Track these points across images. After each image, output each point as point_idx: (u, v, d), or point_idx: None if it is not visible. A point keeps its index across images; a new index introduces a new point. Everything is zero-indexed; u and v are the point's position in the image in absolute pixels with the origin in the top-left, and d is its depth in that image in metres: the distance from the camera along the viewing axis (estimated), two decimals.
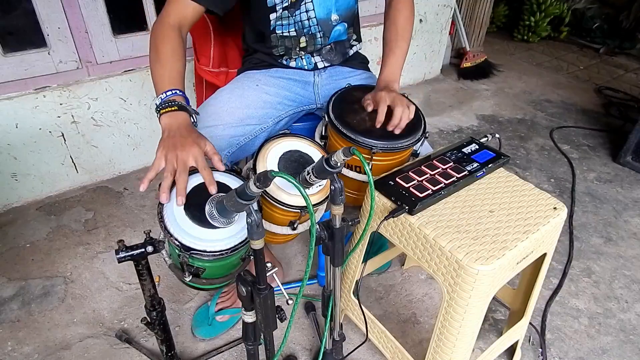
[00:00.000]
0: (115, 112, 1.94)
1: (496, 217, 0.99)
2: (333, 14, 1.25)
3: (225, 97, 1.22)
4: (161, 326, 1.06)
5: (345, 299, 1.29)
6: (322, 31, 1.26)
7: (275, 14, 1.20)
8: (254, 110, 1.21)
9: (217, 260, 0.87)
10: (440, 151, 1.16)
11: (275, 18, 1.21)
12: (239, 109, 1.19)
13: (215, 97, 1.24)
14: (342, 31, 1.29)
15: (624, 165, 2.33)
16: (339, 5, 1.25)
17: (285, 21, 1.22)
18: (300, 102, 1.33)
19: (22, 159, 1.80)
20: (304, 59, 1.30)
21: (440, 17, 2.94)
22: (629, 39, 3.85)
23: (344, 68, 1.37)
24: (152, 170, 0.88)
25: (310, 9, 1.21)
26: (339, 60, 1.35)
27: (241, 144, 1.19)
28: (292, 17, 1.21)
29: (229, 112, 1.18)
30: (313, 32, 1.25)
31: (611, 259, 1.76)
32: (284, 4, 1.19)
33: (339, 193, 0.85)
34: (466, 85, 3.15)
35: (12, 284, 1.55)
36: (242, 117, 1.19)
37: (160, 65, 1.01)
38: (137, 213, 1.87)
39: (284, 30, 1.23)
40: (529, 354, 1.40)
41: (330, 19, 1.25)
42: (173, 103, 0.95)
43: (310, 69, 1.31)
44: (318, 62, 1.31)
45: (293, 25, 1.23)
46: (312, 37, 1.26)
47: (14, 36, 1.66)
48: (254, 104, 1.22)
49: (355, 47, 1.38)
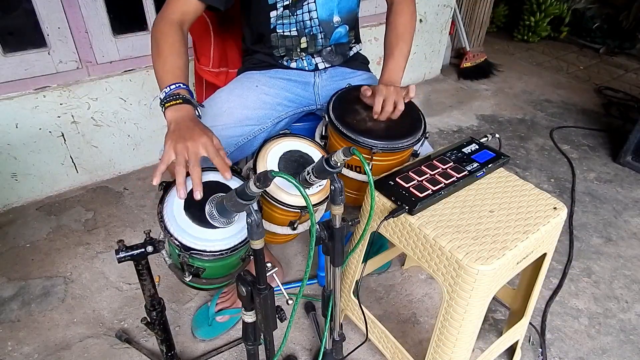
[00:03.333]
0: (115, 112, 1.94)
1: (496, 217, 0.99)
2: (335, 15, 1.25)
3: (224, 97, 1.22)
4: (161, 326, 1.06)
5: (345, 299, 1.29)
6: (323, 32, 1.26)
7: (276, 12, 1.20)
8: (253, 111, 1.21)
9: (217, 260, 0.87)
10: (440, 151, 1.16)
11: (276, 17, 1.21)
12: (238, 110, 1.19)
13: (214, 97, 1.24)
14: (343, 33, 1.30)
15: (624, 165, 2.33)
16: (341, 7, 1.25)
17: (286, 20, 1.22)
18: (300, 103, 1.33)
19: (22, 159, 1.80)
20: (304, 60, 1.29)
21: (440, 17, 2.94)
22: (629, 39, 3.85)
23: (344, 69, 1.37)
24: (162, 163, 0.87)
25: (312, 9, 1.21)
26: (339, 61, 1.35)
27: (240, 144, 1.19)
28: (294, 17, 1.21)
29: (228, 112, 1.18)
30: (314, 32, 1.25)
31: (611, 259, 1.76)
32: (284, 2, 1.19)
33: (339, 193, 0.85)
34: (466, 85, 3.15)
35: (12, 284, 1.55)
36: (240, 118, 1.18)
37: (162, 61, 1.01)
38: (137, 213, 1.87)
39: (285, 29, 1.23)
40: (529, 354, 1.40)
41: (332, 21, 1.25)
42: (177, 96, 0.95)
43: (311, 69, 1.31)
44: (319, 63, 1.31)
45: (295, 24, 1.23)
46: (313, 38, 1.26)
47: (14, 36, 1.66)
48: (253, 104, 1.22)
49: (354, 48, 1.38)
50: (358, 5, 1.31)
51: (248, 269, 0.92)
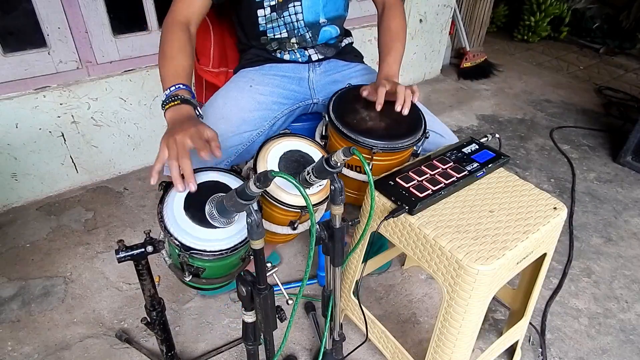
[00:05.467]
0: (115, 112, 1.94)
1: (496, 217, 0.99)
2: (321, 17, 1.27)
3: (220, 102, 1.23)
4: (161, 326, 1.06)
5: (345, 299, 1.29)
6: (310, 32, 1.28)
7: (263, 11, 1.21)
8: (249, 113, 1.22)
9: (217, 260, 0.87)
10: (440, 151, 1.16)
11: (264, 18, 1.22)
12: (234, 114, 1.20)
13: (211, 104, 1.24)
14: (331, 33, 1.32)
15: (624, 165, 2.33)
16: (327, 10, 1.27)
17: (275, 23, 1.24)
18: (295, 99, 1.33)
19: (22, 159, 1.80)
20: (297, 52, 1.31)
21: (440, 17, 2.94)
22: (629, 39, 3.85)
23: (338, 61, 1.38)
24: (157, 161, 0.87)
25: (299, 12, 1.23)
26: (332, 54, 1.36)
27: (239, 152, 1.20)
28: (282, 19, 1.23)
29: (225, 119, 1.18)
30: (302, 33, 1.27)
31: (611, 259, 1.76)
32: (271, 2, 1.20)
33: (339, 193, 0.85)
34: (466, 85, 3.15)
35: (12, 284, 1.55)
36: (238, 124, 1.19)
37: (166, 62, 1.02)
38: (137, 213, 1.87)
39: (275, 32, 1.26)
40: (529, 354, 1.40)
41: (319, 21, 1.27)
42: (176, 97, 0.96)
43: (305, 61, 1.32)
44: (312, 55, 1.32)
45: (284, 26, 1.25)
46: (302, 39, 1.28)
47: (14, 36, 1.66)
48: (248, 105, 1.22)
49: (345, 40, 1.40)
50: (346, 9, 1.33)
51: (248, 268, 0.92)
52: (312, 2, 1.23)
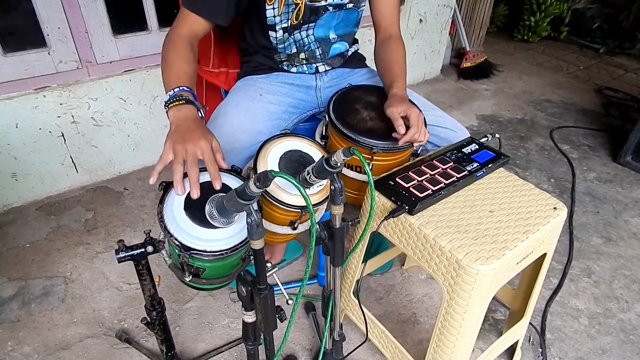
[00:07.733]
0: (115, 112, 1.94)
1: (496, 217, 0.99)
2: (332, 34, 1.28)
3: (233, 113, 1.23)
4: (161, 326, 1.06)
5: (345, 299, 1.29)
6: (320, 47, 1.29)
7: (275, 33, 1.22)
8: (262, 124, 1.22)
9: (217, 260, 0.87)
10: (440, 151, 1.16)
11: (276, 39, 1.23)
12: (249, 124, 1.20)
13: (222, 114, 1.23)
14: (341, 48, 1.33)
15: (624, 165, 2.33)
16: (338, 27, 1.28)
17: (286, 42, 1.25)
18: (304, 108, 1.34)
19: (22, 159, 1.80)
20: (304, 65, 1.32)
21: (440, 17, 2.94)
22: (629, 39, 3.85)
23: (344, 69, 1.39)
24: (160, 162, 0.88)
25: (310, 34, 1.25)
26: (339, 64, 1.37)
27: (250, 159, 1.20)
28: (292, 37, 1.24)
29: (241, 129, 1.19)
30: (312, 49, 1.28)
31: (611, 259, 1.76)
32: (283, 24, 1.20)
33: (339, 193, 0.85)
34: (466, 85, 3.15)
35: (12, 284, 1.55)
36: (254, 134, 1.19)
37: (169, 69, 1.03)
38: (137, 213, 1.87)
39: (286, 50, 1.27)
40: (529, 354, 1.40)
41: (329, 37, 1.28)
42: (180, 97, 0.97)
43: (312, 72, 1.33)
44: (319, 66, 1.33)
45: (293, 44, 1.26)
46: (311, 54, 1.30)
47: (14, 36, 1.66)
48: (261, 116, 1.23)
49: (352, 49, 1.40)
50: (357, 25, 1.33)
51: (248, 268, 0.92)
52: (325, 21, 1.24)
